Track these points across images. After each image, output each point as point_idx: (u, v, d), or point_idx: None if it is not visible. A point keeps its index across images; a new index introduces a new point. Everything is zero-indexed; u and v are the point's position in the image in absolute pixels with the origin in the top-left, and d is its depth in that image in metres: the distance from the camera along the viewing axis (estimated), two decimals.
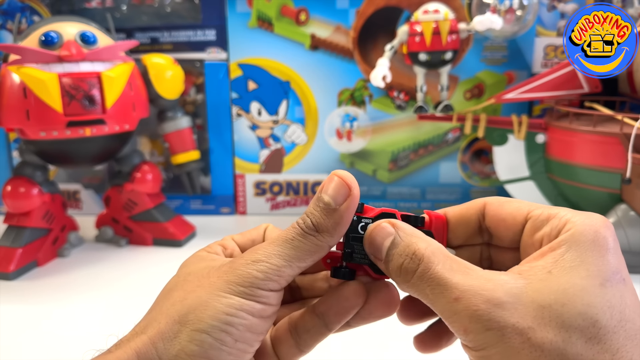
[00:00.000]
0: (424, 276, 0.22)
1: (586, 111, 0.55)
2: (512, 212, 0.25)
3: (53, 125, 0.50)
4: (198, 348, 0.22)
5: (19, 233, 0.54)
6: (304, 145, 0.69)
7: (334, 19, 0.65)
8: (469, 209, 0.26)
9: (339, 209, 0.24)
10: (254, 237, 0.28)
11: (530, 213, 0.24)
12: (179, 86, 0.61)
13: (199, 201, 0.72)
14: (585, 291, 0.20)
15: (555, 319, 0.20)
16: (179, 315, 0.23)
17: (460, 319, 0.21)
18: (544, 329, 0.20)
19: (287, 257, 0.24)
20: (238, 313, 0.23)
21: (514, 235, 0.25)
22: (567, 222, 0.22)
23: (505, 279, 0.21)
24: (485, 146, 0.68)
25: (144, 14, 0.68)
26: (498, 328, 0.20)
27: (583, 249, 0.21)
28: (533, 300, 0.20)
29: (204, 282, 0.24)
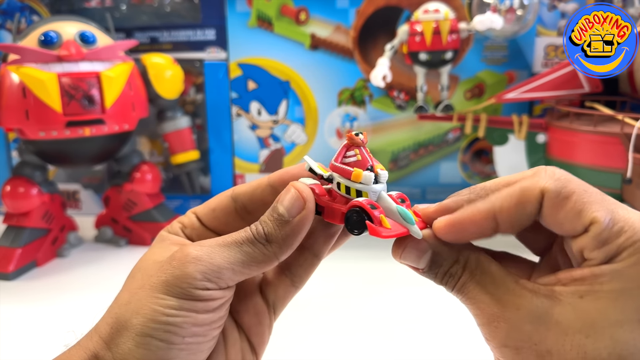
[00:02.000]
0: (462, 290, 0.22)
1: (587, 111, 0.55)
2: (571, 219, 0.20)
3: (52, 125, 0.50)
4: (146, 351, 0.22)
5: (18, 233, 0.54)
6: (304, 145, 0.69)
7: (334, 19, 0.65)
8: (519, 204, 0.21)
9: (292, 221, 0.23)
10: (214, 206, 0.27)
11: (594, 217, 0.20)
12: (178, 86, 0.61)
13: (198, 201, 0.72)
14: (617, 325, 0.19)
15: (577, 349, 0.19)
16: (124, 319, 0.23)
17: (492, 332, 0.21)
18: (562, 357, 0.19)
19: (232, 261, 0.23)
20: (179, 313, 0.23)
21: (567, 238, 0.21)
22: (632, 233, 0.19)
23: (530, 300, 0.20)
24: (485, 146, 0.68)
25: (144, 13, 0.68)
26: (522, 345, 0.20)
27: (629, 280, 0.19)
28: (557, 323, 0.19)
29: (145, 283, 0.24)
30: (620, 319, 0.19)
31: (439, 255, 0.23)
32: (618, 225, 0.20)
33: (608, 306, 0.19)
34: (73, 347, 0.24)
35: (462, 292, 0.22)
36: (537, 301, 0.20)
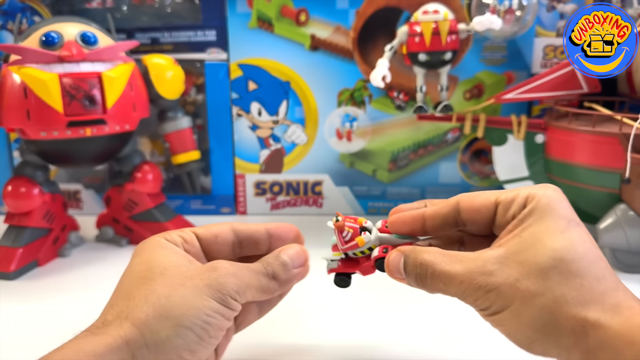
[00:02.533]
0: (434, 276, 0.29)
1: (585, 111, 0.55)
2: (483, 202, 0.30)
3: (54, 125, 0.50)
4: (182, 341, 0.27)
5: (20, 233, 0.55)
6: (304, 145, 0.70)
7: (334, 20, 0.65)
8: (444, 208, 0.32)
9: (292, 271, 0.32)
10: (217, 233, 0.33)
11: (498, 199, 0.30)
12: (179, 86, 0.61)
13: (199, 201, 0.72)
14: (549, 239, 0.27)
15: (533, 267, 0.27)
16: (166, 310, 0.27)
17: (470, 294, 0.28)
18: (527, 278, 0.27)
19: (253, 284, 0.30)
20: (215, 315, 0.28)
21: (488, 221, 0.30)
22: (527, 197, 0.29)
23: (489, 253, 0.28)
24: (484, 146, 0.68)
25: (145, 14, 0.68)
26: (494, 288, 0.27)
27: (541, 212, 0.28)
28: (513, 260, 0.27)
29: (187, 283, 0.28)
30: (548, 236, 0.27)
31: (407, 257, 0.30)
32: (514, 191, 0.30)
33: (537, 232, 0.28)
34: (92, 329, 0.27)
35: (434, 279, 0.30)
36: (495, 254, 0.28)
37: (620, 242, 0.50)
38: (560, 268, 0.26)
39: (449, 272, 0.28)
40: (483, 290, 0.27)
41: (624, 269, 0.51)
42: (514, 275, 0.27)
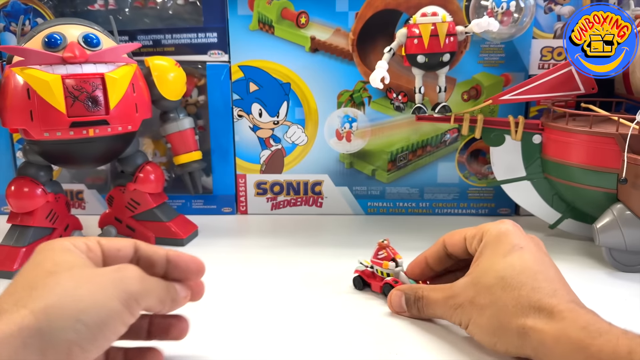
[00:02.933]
0: (427, 305, 0.40)
1: (582, 112, 0.55)
2: (458, 239, 0.41)
3: (57, 126, 0.51)
4: (76, 336, 0.27)
5: (23, 232, 0.55)
6: (304, 145, 0.70)
7: (334, 22, 0.66)
8: (436, 246, 0.43)
9: (181, 299, 0.34)
10: (120, 247, 0.33)
11: (466, 235, 0.40)
12: (181, 88, 0.61)
13: (200, 201, 0.72)
14: (494, 263, 0.36)
15: (483, 287, 0.36)
16: (70, 301, 0.27)
17: (447, 313, 0.39)
18: (479, 295, 0.36)
19: (154, 292, 0.31)
20: (115, 317, 0.28)
21: (464, 252, 0.41)
22: (483, 232, 0.39)
23: (458, 282, 0.38)
24: (482, 147, 0.69)
25: (147, 16, 0.69)
26: (459, 306, 0.37)
27: (492, 242, 0.38)
28: (472, 284, 0.37)
29: (93, 280, 0.29)
30: (493, 261, 0.37)
31: (407, 295, 0.42)
32: (478, 227, 0.40)
33: (486, 259, 0.38)
34: None
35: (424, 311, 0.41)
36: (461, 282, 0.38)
37: (617, 241, 0.50)
38: (502, 284, 0.35)
39: (433, 299, 0.39)
40: (453, 309, 0.37)
41: (621, 268, 0.51)
42: (471, 295, 0.36)
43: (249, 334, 0.41)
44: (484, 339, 0.35)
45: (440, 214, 0.71)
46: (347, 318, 0.43)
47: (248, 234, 0.66)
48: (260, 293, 0.48)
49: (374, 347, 0.39)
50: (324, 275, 0.51)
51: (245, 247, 0.61)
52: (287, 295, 0.48)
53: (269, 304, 0.46)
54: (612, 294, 0.47)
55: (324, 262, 0.55)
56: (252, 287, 0.50)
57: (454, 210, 0.71)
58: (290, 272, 0.52)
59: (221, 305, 0.46)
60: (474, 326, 0.36)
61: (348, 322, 0.42)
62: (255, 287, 0.49)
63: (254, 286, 0.50)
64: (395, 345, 0.39)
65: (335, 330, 0.41)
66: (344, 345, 0.39)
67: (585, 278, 0.50)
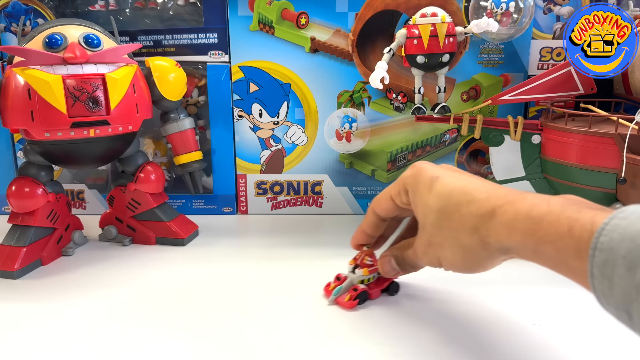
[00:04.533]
0: (409, 260, 0.43)
1: (581, 112, 0.55)
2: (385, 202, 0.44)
3: (57, 126, 0.51)
4: None
5: (23, 232, 0.55)
6: (304, 146, 0.70)
7: (334, 23, 0.66)
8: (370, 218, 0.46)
9: None
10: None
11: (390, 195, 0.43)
12: (181, 88, 0.62)
13: (201, 201, 0.73)
14: (425, 203, 0.39)
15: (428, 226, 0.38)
16: None
17: (424, 262, 0.41)
18: (432, 235, 0.38)
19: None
20: None
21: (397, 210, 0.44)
22: (404, 183, 0.42)
23: (416, 237, 0.41)
24: (481, 147, 0.69)
25: (147, 17, 0.69)
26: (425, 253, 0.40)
27: (413, 186, 0.40)
28: (421, 230, 0.40)
29: None
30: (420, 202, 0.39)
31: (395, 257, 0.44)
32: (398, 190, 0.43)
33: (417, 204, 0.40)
34: None
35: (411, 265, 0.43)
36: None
37: None
38: (442, 215, 0.37)
39: (409, 254, 0.42)
40: (423, 257, 0.40)
41: None
42: (426, 239, 0.39)
43: (249, 333, 0.41)
44: (460, 269, 0.37)
45: None
46: (347, 318, 0.43)
47: (248, 233, 0.66)
48: (261, 293, 0.48)
49: (374, 347, 0.39)
50: (324, 275, 0.52)
51: (245, 247, 0.61)
52: (287, 295, 0.48)
53: (269, 304, 0.46)
54: None
55: (324, 262, 0.55)
56: (253, 286, 0.50)
57: None
58: (290, 272, 0.53)
59: (221, 304, 0.46)
60: (445, 263, 0.38)
61: (348, 321, 0.43)
62: (255, 287, 0.50)
63: (254, 286, 0.50)
64: (395, 345, 0.39)
65: (335, 330, 0.41)
66: (344, 345, 0.39)
67: None
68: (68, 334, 0.42)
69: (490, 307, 0.45)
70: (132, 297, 0.48)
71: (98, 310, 0.46)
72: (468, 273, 0.37)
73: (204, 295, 0.48)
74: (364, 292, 0.45)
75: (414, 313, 0.44)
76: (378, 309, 0.45)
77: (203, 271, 0.53)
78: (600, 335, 0.40)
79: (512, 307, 0.44)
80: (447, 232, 0.36)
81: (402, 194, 0.41)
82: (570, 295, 0.46)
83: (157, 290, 0.49)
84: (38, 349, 0.40)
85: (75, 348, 0.40)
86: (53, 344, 0.40)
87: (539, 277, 0.50)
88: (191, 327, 0.42)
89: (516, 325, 0.41)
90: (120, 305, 0.46)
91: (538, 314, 0.43)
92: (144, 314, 0.45)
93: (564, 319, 0.42)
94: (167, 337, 0.41)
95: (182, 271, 0.54)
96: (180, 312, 0.45)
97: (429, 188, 0.38)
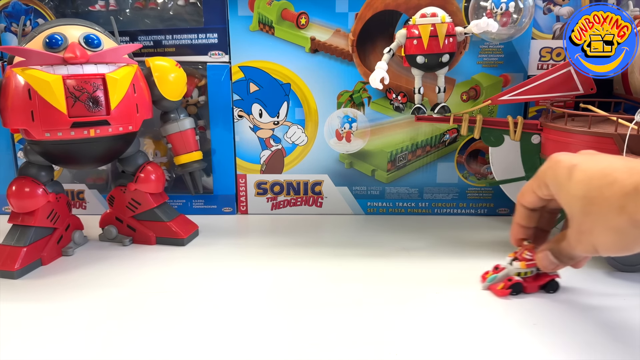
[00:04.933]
0: (565, 253, 0.43)
1: (581, 112, 0.55)
2: (529, 195, 0.45)
3: (58, 126, 0.51)
4: None
5: (24, 232, 0.55)
6: (304, 146, 0.70)
7: (334, 23, 0.66)
8: (520, 211, 0.47)
9: None
10: None
11: (532, 189, 0.44)
12: (181, 88, 0.62)
13: (201, 201, 0.73)
14: (567, 193, 0.39)
15: (575, 216, 0.39)
16: None
17: (577, 252, 0.41)
18: (580, 223, 0.38)
19: None
20: None
21: (541, 202, 0.44)
22: (543, 177, 0.42)
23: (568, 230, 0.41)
24: (481, 147, 0.69)
25: (147, 17, 0.69)
26: (578, 242, 0.39)
27: (553, 179, 0.41)
28: (570, 221, 0.40)
29: None
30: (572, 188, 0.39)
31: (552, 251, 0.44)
32: (538, 184, 0.43)
33: None
34: None
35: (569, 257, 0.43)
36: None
37: None
38: (587, 202, 0.37)
39: (564, 247, 0.42)
40: (576, 247, 0.40)
41: (619, 267, 0.51)
42: (576, 229, 0.39)
43: (249, 333, 0.41)
44: (617, 251, 0.37)
45: (440, 213, 0.71)
46: (346, 318, 0.43)
47: (248, 233, 0.66)
48: (261, 292, 0.48)
49: (374, 347, 0.39)
50: (324, 274, 0.52)
51: (245, 247, 0.61)
52: (287, 294, 0.48)
53: (269, 304, 0.46)
54: (610, 294, 0.47)
55: (324, 262, 0.55)
56: (253, 286, 0.50)
57: (453, 210, 0.71)
58: (290, 272, 0.53)
59: (222, 304, 0.46)
60: (600, 248, 0.37)
61: (348, 321, 0.43)
62: (255, 287, 0.50)
63: (254, 285, 0.50)
64: (395, 345, 0.39)
65: (334, 330, 0.41)
66: (344, 346, 0.39)
67: (584, 278, 0.50)
68: (68, 333, 0.42)
69: (490, 306, 0.45)
70: (132, 297, 0.48)
71: (98, 310, 0.46)
72: (627, 254, 0.37)
73: (204, 295, 0.48)
74: (519, 284, 0.46)
75: (411, 313, 0.44)
76: (377, 307, 0.44)
77: (203, 271, 0.53)
78: (600, 335, 0.40)
79: (512, 307, 0.44)
80: (595, 218, 0.36)
81: (542, 187, 0.42)
82: (570, 295, 0.47)
83: (157, 290, 0.49)
84: (38, 349, 0.40)
85: (76, 348, 0.40)
86: (53, 344, 0.40)
87: None
88: (191, 327, 0.42)
89: (516, 326, 0.41)
90: (120, 305, 0.46)
91: (538, 314, 0.43)
92: (144, 314, 0.45)
93: (564, 319, 0.43)
94: (167, 337, 0.41)
95: (182, 271, 0.54)
96: (180, 312, 0.45)
97: (568, 177, 0.38)
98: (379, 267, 0.53)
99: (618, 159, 0.38)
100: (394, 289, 0.48)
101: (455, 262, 0.54)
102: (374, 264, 0.54)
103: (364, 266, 0.53)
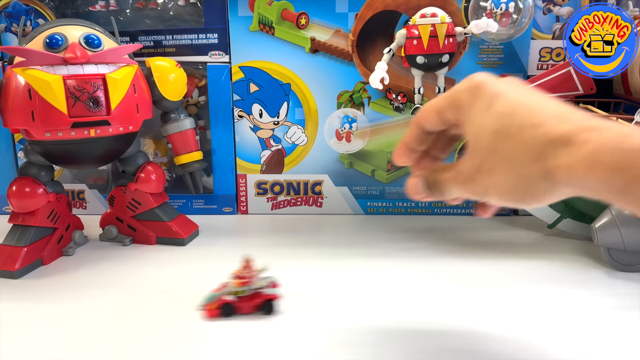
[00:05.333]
0: (443, 186, 0.36)
1: None
2: (431, 116, 0.36)
3: (58, 126, 0.51)
4: None
5: (24, 232, 0.55)
6: (304, 146, 0.71)
7: (334, 23, 0.66)
8: (414, 130, 0.38)
9: None
10: None
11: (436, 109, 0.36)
12: (182, 88, 0.62)
13: (201, 201, 0.73)
14: (481, 123, 0.32)
15: (481, 149, 0.32)
16: None
17: (462, 190, 0.34)
18: (484, 159, 0.32)
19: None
20: None
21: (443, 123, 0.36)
22: (455, 98, 0.35)
23: (462, 158, 0.34)
24: None
25: (147, 17, 0.69)
26: (470, 179, 0.33)
27: (468, 103, 0.33)
28: (470, 153, 0.33)
29: None
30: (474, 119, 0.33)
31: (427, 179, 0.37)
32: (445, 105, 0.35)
33: None
34: None
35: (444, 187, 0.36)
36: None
37: (616, 241, 0.51)
38: (500, 137, 0.31)
39: (445, 179, 0.35)
40: (464, 184, 0.34)
41: (619, 267, 0.52)
42: (476, 164, 0.32)
43: (249, 333, 0.41)
44: (510, 199, 0.32)
45: (439, 213, 0.71)
46: (346, 318, 0.43)
47: (248, 233, 0.67)
48: None
49: (374, 347, 0.39)
50: (324, 274, 0.52)
51: (245, 247, 0.61)
52: (287, 294, 0.48)
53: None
54: (610, 294, 0.47)
55: (324, 262, 0.55)
56: None
57: (453, 210, 0.71)
58: (290, 272, 0.53)
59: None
60: (494, 192, 0.32)
61: (347, 322, 0.43)
62: None
63: None
64: (395, 346, 0.39)
65: (334, 330, 0.41)
66: (343, 346, 0.39)
67: (584, 278, 0.50)
68: (68, 333, 0.42)
69: (490, 306, 0.45)
70: (132, 296, 0.48)
71: (98, 310, 0.46)
72: (518, 205, 0.32)
73: (204, 295, 0.48)
74: (228, 305, 0.43)
75: (411, 313, 0.44)
76: (377, 308, 0.45)
77: (203, 271, 0.53)
78: (600, 335, 0.40)
79: (512, 307, 0.45)
80: (502, 157, 0.31)
81: (448, 110, 0.35)
82: (570, 295, 0.47)
83: (158, 290, 0.49)
84: (38, 349, 0.40)
85: (76, 348, 0.40)
86: (53, 344, 0.40)
87: (539, 277, 0.50)
88: (191, 327, 0.42)
89: (516, 325, 0.42)
90: (120, 305, 0.46)
91: (538, 313, 0.43)
92: (144, 314, 0.45)
93: (564, 319, 0.43)
94: (167, 337, 0.41)
95: (183, 271, 0.54)
96: (181, 312, 0.45)
97: (487, 106, 0.32)
98: (379, 267, 0.53)
99: (549, 100, 0.31)
100: (394, 289, 0.48)
101: (455, 262, 0.54)
102: (374, 264, 0.54)
103: (364, 266, 0.53)
